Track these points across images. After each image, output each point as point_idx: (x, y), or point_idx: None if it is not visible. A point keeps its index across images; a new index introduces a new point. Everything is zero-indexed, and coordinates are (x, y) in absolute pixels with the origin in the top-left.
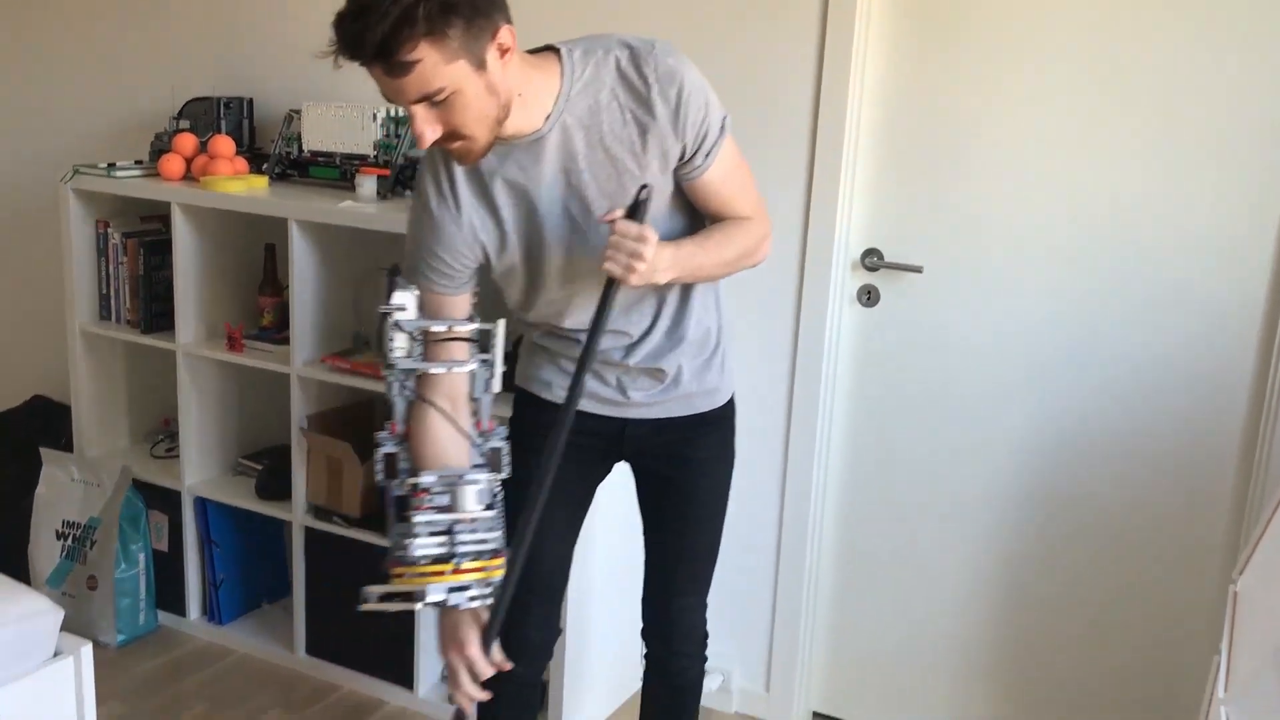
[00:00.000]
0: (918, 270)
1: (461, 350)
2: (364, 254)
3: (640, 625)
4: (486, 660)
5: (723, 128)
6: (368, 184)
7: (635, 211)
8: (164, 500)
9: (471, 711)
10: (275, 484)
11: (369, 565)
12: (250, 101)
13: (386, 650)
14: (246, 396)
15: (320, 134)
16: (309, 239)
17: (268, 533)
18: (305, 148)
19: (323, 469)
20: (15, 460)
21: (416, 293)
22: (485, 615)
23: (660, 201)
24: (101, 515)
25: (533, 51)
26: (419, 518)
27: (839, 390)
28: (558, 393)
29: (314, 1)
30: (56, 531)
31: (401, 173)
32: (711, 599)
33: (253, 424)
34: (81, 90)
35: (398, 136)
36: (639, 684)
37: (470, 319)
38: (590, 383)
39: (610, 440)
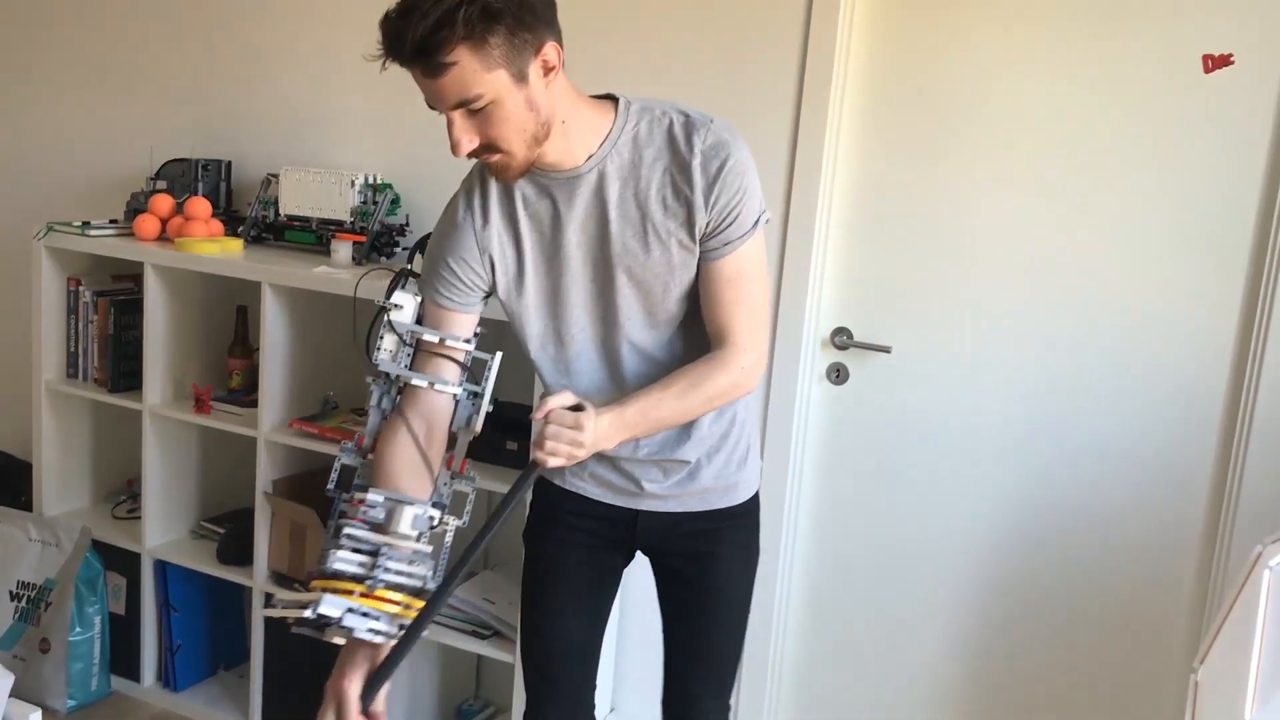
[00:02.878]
0: (886, 350)
1: (451, 372)
2: (336, 319)
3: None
4: (358, 707)
5: (755, 224)
6: (343, 249)
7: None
8: (123, 562)
9: None
10: (237, 548)
11: None
12: (229, 164)
13: None
14: (211, 458)
15: (297, 198)
16: (282, 303)
17: (227, 598)
18: (282, 211)
19: (286, 534)
20: None
21: (418, 297)
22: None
23: (677, 289)
24: (58, 577)
25: (594, 97)
26: (348, 529)
27: (806, 467)
28: (568, 477)
29: (294, 67)
30: (10, 592)
31: (377, 239)
32: None
33: (217, 486)
34: (58, 148)
35: (375, 203)
36: None
37: (467, 341)
38: (601, 469)
39: (623, 529)
